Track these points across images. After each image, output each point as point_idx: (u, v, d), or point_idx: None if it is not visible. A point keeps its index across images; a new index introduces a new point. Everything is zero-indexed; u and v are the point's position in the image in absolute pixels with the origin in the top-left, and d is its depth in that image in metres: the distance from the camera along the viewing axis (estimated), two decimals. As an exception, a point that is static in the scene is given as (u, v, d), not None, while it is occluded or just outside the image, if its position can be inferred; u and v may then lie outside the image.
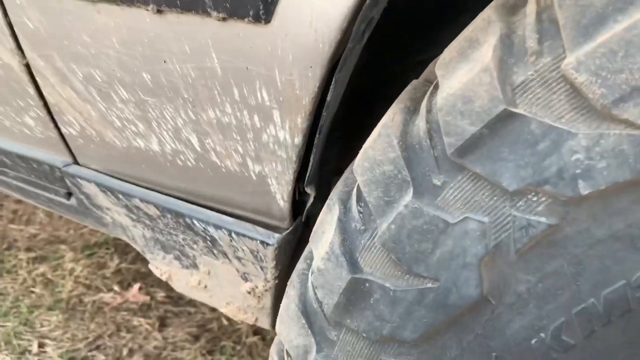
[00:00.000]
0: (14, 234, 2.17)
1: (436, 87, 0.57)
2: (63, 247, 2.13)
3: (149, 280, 1.95)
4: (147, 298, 1.87)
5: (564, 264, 0.49)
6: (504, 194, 0.49)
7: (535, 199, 0.48)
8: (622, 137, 0.43)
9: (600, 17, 0.44)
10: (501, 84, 0.48)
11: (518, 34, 0.50)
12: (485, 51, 0.50)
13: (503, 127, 0.49)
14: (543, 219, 0.48)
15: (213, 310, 1.83)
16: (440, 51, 1.13)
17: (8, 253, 2.07)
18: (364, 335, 0.61)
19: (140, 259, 2.05)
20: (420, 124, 0.55)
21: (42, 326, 1.77)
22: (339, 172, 0.99)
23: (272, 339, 1.70)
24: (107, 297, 1.89)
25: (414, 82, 0.63)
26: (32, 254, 2.07)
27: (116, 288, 1.92)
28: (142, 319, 1.79)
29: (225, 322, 1.80)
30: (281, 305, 0.71)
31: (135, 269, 2.02)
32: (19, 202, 2.30)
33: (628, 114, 0.43)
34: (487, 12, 0.53)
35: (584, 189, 0.45)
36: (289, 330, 0.69)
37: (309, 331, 0.66)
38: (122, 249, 2.10)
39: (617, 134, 0.44)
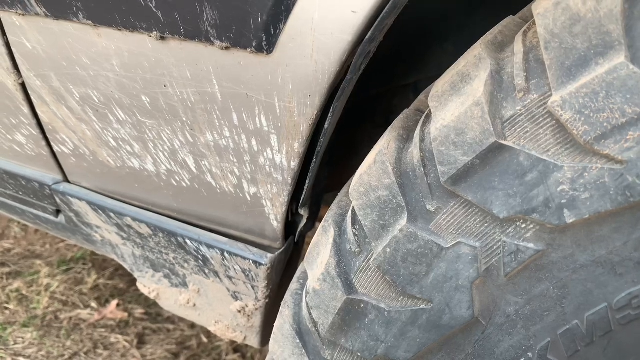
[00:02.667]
0: (-14, 249, 2.12)
1: (428, 116, 0.60)
2: (38, 262, 2.08)
3: (127, 296, 1.93)
4: (125, 315, 1.85)
5: (550, 287, 0.53)
6: (495, 220, 0.53)
7: (523, 226, 0.52)
8: (603, 170, 0.47)
9: (583, 59, 0.48)
10: (492, 118, 0.51)
11: (507, 71, 0.54)
12: (476, 86, 0.54)
13: (494, 158, 0.52)
14: (531, 245, 0.52)
15: (192, 327, 1.82)
16: (422, 76, 1.17)
17: (-19, 268, 2.02)
18: (359, 354, 0.63)
19: (119, 274, 2.02)
20: (414, 152, 0.58)
21: (16, 343, 1.72)
22: (329, 191, 1.02)
23: (251, 357, 1.70)
24: (84, 313, 1.85)
25: (406, 111, 0.67)
26: (6, 269, 2.02)
27: (93, 304, 1.89)
28: (120, 336, 1.76)
29: (204, 339, 1.79)
30: (275, 324, 0.73)
31: (113, 284, 1.99)
32: (-9, 216, 2.25)
33: (609, 150, 0.47)
34: (478, 49, 0.57)
35: (569, 217, 0.49)
36: (283, 349, 0.70)
37: (303, 350, 0.68)
38: (100, 264, 2.08)
39: (599, 167, 0.47)
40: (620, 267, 0.50)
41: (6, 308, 1.85)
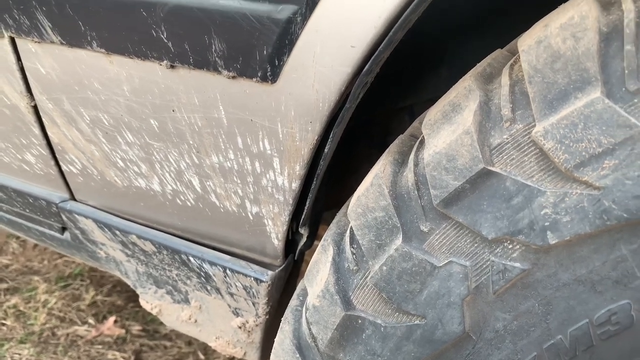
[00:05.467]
0: (-16, 265, 2.13)
1: (422, 142, 0.64)
2: (36, 278, 2.09)
3: (124, 313, 1.94)
4: (123, 331, 1.86)
5: (535, 304, 0.56)
6: (484, 241, 0.56)
7: (510, 246, 0.55)
8: (582, 196, 0.51)
9: (563, 93, 0.52)
10: (480, 146, 0.55)
11: (495, 102, 0.58)
12: (466, 116, 0.58)
13: (482, 183, 0.56)
14: (517, 264, 0.55)
15: (189, 344, 1.83)
16: (417, 100, 1.22)
17: (-22, 284, 2.03)
18: (356, 368, 0.66)
19: (117, 291, 2.04)
20: (408, 176, 0.62)
21: (13, 360, 1.73)
22: (327, 209, 1.06)
23: (249, 374, 1.71)
24: (81, 329, 1.86)
25: (401, 136, 0.71)
26: (4, 285, 2.03)
27: (91, 321, 1.89)
28: (117, 353, 1.77)
29: (201, 356, 1.80)
30: (275, 340, 0.76)
31: (110, 301, 2.00)
32: (-11, 232, 2.27)
33: (587, 177, 0.51)
34: (468, 81, 0.61)
35: (551, 239, 0.53)
36: (283, 363, 0.73)
37: (303, 365, 0.71)
38: (98, 280, 2.09)
39: (579, 193, 0.51)
40: (599, 285, 0.53)
41: (3, 324, 1.85)
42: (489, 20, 1.03)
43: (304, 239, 0.85)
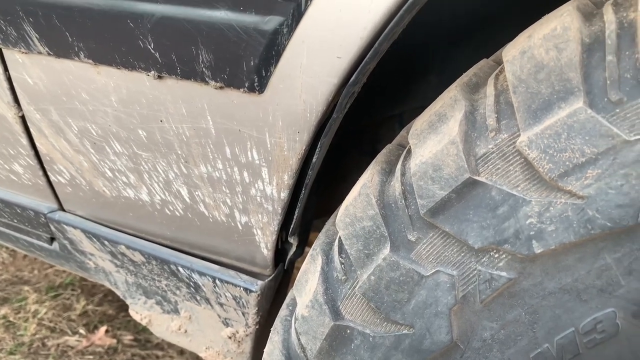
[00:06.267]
0: (-26, 275, 2.11)
1: (409, 152, 0.64)
2: (26, 288, 2.08)
3: (115, 322, 1.92)
4: (114, 341, 1.84)
5: (522, 313, 0.56)
6: (470, 250, 0.57)
7: (496, 255, 0.56)
8: (567, 205, 0.52)
9: (547, 103, 0.52)
10: (466, 155, 0.56)
11: (480, 112, 0.58)
12: (452, 126, 0.58)
13: (468, 192, 0.56)
14: (504, 274, 0.55)
15: (181, 353, 1.82)
16: (407, 107, 1.22)
17: (-33, 294, 2.01)
18: (345, 378, 0.66)
19: (108, 300, 2.02)
20: (396, 185, 0.62)
21: (2, 371, 1.71)
22: (317, 217, 1.06)
23: (241, 383, 1.70)
24: (72, 340, 1.84)
25: (389, 146, 0.71)
26: (-7, 295, 2.01)
27: (82, 331, 1.88)
28: (108, 363, 1.76)
29: (194, 366, 1.79)
30: (265, 350, 0.75)
31: (102, 310, 1.99)
32: (-20, 242, 2.24)
33: (571, 186, 0.51)
34: (454, 91, 0.61)
35: (537, 248, 0.53)
36: (273, 374, 0.73)
37: (292, 375, 0.70)
38: (89, 290, 2.07)
39: (563, 202, 0.52)
40: (584, 294, 0.54)
41: (-7, 335, 1.84)
42: (478, 28, 1.04)
43: (294, 248, 0.85)
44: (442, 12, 0.95)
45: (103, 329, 1.88)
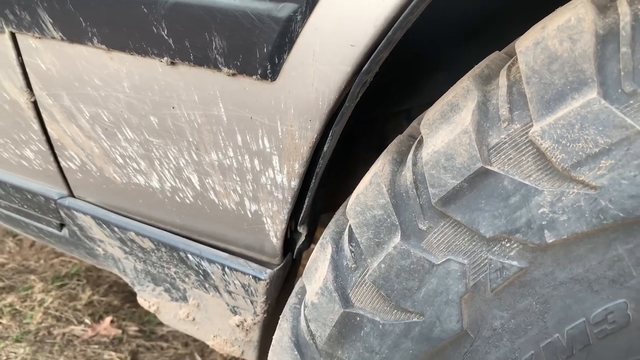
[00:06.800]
0: (-20, 263, 2.13)
1: (420, 142, 0.64)
2: (32, 277, 2.09)
3: (121, 313, 1.93)
4: (119, 331, 1.85)
5: (533, 303, 0.57)
6: (481, 239, 0.57)
7: (508, 245, 0.56)
8: (579, 195, 0.52)
9: (560, 94, 0.52)
10: (478, 145, 0.56)
11: (492, 102, 0.58)
12: (464, 115, 0.58)
13: (480, 182, 0.56)
14: (515, 263, 0.56)
15: (186, 345, 1.83)
16: (415, 103, 1.22)
17: (-26, 282, 2.02)
18: (353, 365, 0.66)
19: (113, 291, 2.04)
20: (407, 174, 0.62)
21: (8, 358, 1.72)
22: (325, 211, 1.06)
23: (246, 374, 1.71)
24: (77, 329, 1.86)
25: (400, 136, 0.71)
26: (0, 284, 2.03)
27: (87, 320, 1.89)
28: (113, 353, 1.77)
29: (198, 357, 1.80)
30: (274, 337, 0.76)
31: (107, 301, 2.00)
32: (-16, 231, 2.26)
33: (584, 176, 0.51)
34: (466, 82, 0.61)
35: (549, 238, 0.53)
36: (281, 361, 0.73)
37: (300, 362, 0.71)
38: (95, 280, 2.08)
39: (575, 192, 0.52)
40: (596, 284, 0.54)
41: (-1, 322, 1.85)
42: (486, 26, 1.04)
43: (303, 238, 0.85)
44: (451, 9, 0.95)
45: (108, 319, 1.89)
